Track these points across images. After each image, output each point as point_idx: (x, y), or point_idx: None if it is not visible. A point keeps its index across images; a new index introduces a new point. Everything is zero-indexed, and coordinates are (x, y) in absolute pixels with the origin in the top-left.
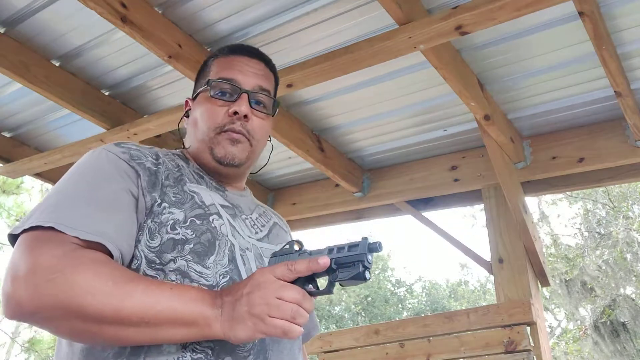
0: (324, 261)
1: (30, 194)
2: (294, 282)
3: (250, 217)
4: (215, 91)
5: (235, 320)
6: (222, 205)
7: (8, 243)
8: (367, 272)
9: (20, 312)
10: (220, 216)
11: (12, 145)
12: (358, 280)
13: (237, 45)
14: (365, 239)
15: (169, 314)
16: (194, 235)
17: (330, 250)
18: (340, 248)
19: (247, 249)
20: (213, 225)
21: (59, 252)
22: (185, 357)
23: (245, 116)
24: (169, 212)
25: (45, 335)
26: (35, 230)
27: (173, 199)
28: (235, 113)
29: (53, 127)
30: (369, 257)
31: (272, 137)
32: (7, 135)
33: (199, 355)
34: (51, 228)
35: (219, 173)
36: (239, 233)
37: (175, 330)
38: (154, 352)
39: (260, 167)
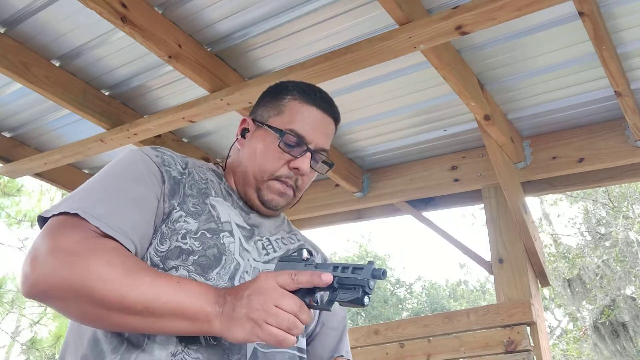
0: (327, 278)
1: (30, 196)
2: (295, 292)
3: (268, 238)
4: (285, 142)
5: (234, 321)
6: (238, 225)
7: (7, 242)
8: (366, 297)
9: (35, 290)
10: (232, 234)
11: (12, 145)
12: (357, 304)
13: (318, 95)
14: (370, 263)
15: (172, 307)
16: (200, 248)
17: (335, 267)
18: (345, 268)
19: (247, 272)
20: (222, 242)
21: (79, 237)
22: None
23: (302, 173)
24: (184, 221)
25: (45, 335)
26: (62, 216)
27: (192, 209)
28: (296, 169)
29: (53, 127)
30: (372, 283)
31: None
32: (7, 135)
33: None
34: (76, 215)
35: (256, 208)
36: (248, 253)
37: (177, 322)
38: (147, 354)
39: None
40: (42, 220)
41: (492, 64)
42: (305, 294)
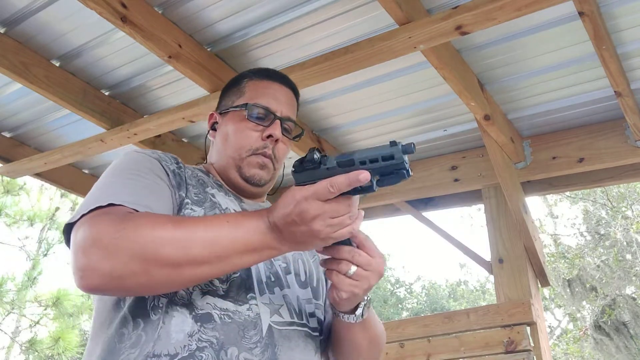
0: (365, 176)
1: (29, 195)
2: None
3: None
4: (252, 114)
5: (302, 244)
6: (236, 212)
7: (7, 242)
8: (408, 172)
9: (97, 277)
10: None
11: (12, 145)
12: (401, 180)
13: (271, 71)
14: (394, 143)
15: (236, 246)
16: None
17: (361, 162)
18: (372, 159)
19: None
20: None
21: (117, 216)
22: (191, 346)
23: (277, 140)
24: (191, 209)
25: (44, 335)
26: (92, 212)
27: (195, 198)
28: (269, 136)
29: (53, 127)
30: (406, 159)
31: None
32: (7, 135)
33: (204, 344)
34: (110, 205)
35: (242, 189)
36: None
37: (245, 257)
38: (163, 340)
39: (275, 189)
40: (69, 227)
41: (492, 64)
42: None
